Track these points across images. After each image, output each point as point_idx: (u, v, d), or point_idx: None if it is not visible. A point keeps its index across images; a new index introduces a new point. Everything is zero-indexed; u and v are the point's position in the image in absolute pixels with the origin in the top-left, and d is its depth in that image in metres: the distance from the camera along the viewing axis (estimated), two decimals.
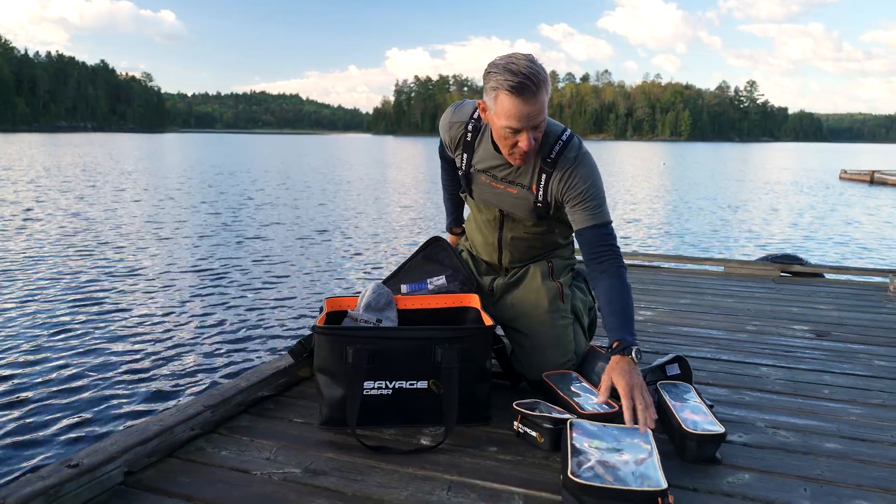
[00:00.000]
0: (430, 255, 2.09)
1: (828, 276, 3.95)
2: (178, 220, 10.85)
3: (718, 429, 1.49)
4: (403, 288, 2.02)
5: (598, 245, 1.78)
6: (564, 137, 1.80)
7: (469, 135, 1.90)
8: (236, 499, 1.33)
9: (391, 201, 15.17)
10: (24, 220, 10.33)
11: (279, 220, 11.39)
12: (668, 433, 1.54)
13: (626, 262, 4.42)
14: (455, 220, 2.34)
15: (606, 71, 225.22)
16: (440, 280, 2.02)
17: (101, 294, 5.81)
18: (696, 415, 1.55)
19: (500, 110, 1.64)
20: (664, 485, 1.24)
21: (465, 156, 1.93)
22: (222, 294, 5.99)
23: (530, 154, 1.73)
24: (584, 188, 1.77)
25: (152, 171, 23.10)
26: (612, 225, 1.82)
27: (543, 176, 1.81)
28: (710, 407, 1.63)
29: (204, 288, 6.21)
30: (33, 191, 14.91)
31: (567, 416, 1.57)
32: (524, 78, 1.58)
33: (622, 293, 1.74)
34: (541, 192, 1.83)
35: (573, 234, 2.13)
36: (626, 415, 1.51)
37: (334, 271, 7.29)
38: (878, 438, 1.67)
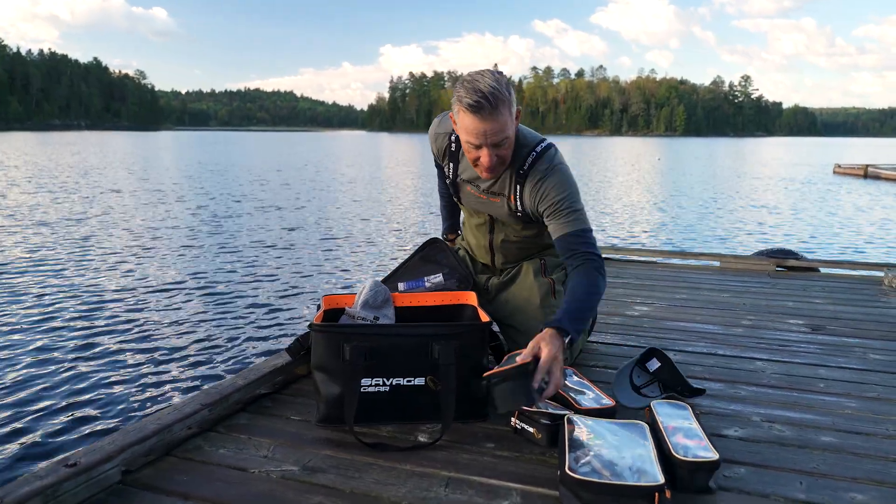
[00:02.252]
0: (428, 256, 2.09)
1: (823, 270, 3.96)
2: (174, 219, 10.82)
3: (712, 455, 1.36)
4: (401, 286, 2.02)
5: (573, 251, 1.80)
6: (538, 149, 1.82)
7: (453, 145, 1.95)
8: (234, 497, 1.33)
9: (388, 199, 15.15)
10: (21, 219, 10.29)
11: (277, 218, 11.38)
12: (660, 459, 1.38)
13: (623, 257, 4.43)
14: (450, 227, 2.36)
15: (601, 66, 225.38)
16: (437, 278, 2.02)
17: (97, 293, 5.80)
18: (689, 439, 1.43)
19: (461, 126, 1.70)
20: (661, 480, 1.24)
21: (451, 165, 1.98)
22: (219, 292, 5.98)
23: (494, 169, 1.76)
24: (555, 198, 1.80)
25: (148, 171, 23.02)
26: (590, 231, 1.83)
27: (518, 187, 1.84)
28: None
29: (201, 286, 6.19)
30: (30, 190, 14.85)
31: (564, 411, 1.58)
32: (481, 97, 1.60)
33: (585, 291, 1.73)
34: (518, 203, 1.87)
35: None
36: (537, 377, 1.46)
37: (332, 269, 7.29)
38: (873, 431, 1.68)
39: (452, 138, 1.95)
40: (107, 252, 7.78)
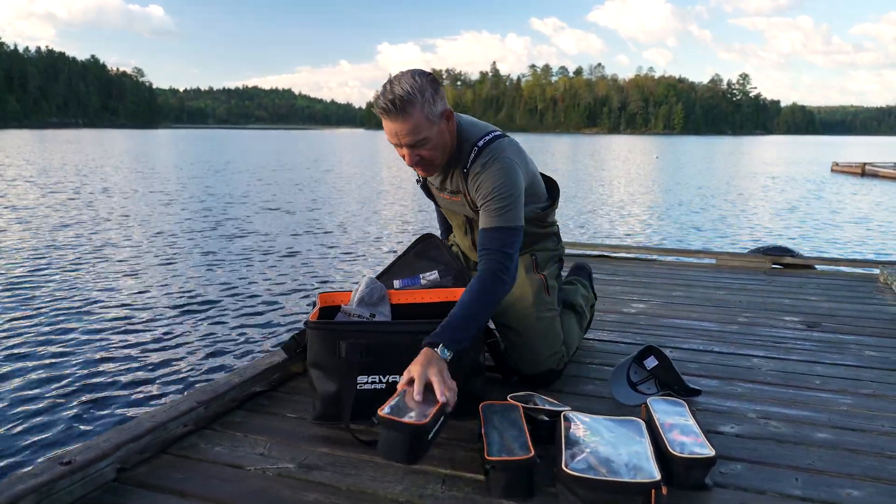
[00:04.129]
0: (422, 253, 2.08)
1: (819, 267, 3.96)
2: (170, 217, 10.80)
3: (708, 452, 1.36)
4: (396, 283, 2.02)
5: (487, 247, 1.73)
6: (480, 144, 1.81)
7: None
8: (230, 494, 1.33)
9: (384, 197, 15.14)
10: (15, 216, 10.26)
11: (272, 216, 11.37)
12: (657, 456, 1.36)
13: (619, 254, 4.43)
14: (445, 232, 2.34)
15: (600, 64, 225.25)
16: (433, 275, 2.01)
17: (92, 290, 5.78)
18: (685, 436, 1.43)
19: (384, 126, 1.74)
20: (657, 476, 1.24)
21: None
22: (215, 290, 5.97)
23: (422, 167, 1.80)
24: (488, 190, 1.76)
25: (146, 169, 22.98)
26: (510, 229, 1.73)
27: (465, 185, 1.86)
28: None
29: (196, 284, 6.18)
30: (25, 187, 14.82)
31: (561, 408, 1.58)
32: (389, 100, 1.64)
33: (471, 299, 1.64)
34: (469, 200, 1.88)
35: (556, 224, 2.13)
36: (416, 396, 1.40)
37: (327, 266, 7.28)
38: (869, 428, 1.68)
39: None
40: (102, 250, 7.76)
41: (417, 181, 2.07)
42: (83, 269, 6.72)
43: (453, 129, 1.79)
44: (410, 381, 1.45)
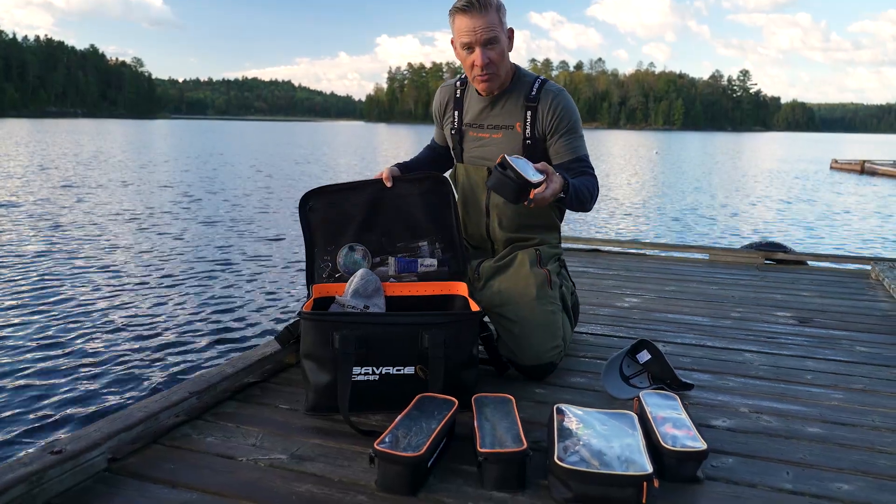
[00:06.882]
0: (431, 200, 2.01)
1: (811, 263, 3.97)
2: (165, 208, 10.78)
3: (700, 445, 1.38)
4: (391, 262, 2.00)
5: (581, 172, 1.99)
6: (542, 78, 2.03)
7: (458, 91, 2.10)
8: (221, 485, 1.33)
9: None
10: (9, 208, 10.23)
11: (267, 207, 11.35)
12: (649, 449, 1.35)
13: (613, 249, 4.43)
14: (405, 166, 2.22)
15: (600, 59, 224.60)
16: (431, 264, 2.01)
17: (86, 280, 5.77)
18: (677, 429, 1.45)
19: (456, 31, 1.88)
20: (649, 469, 1.25)
21: (455, 114, 2.09)
22: (209, 280, 5.96)
23: (491, 78, 1.91)
24: (570, 120, 1.98)
25: (144, 159, 22.91)
26: (589, 157, 2.04)
27: (529, 112, 1.98)
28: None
29: (190, 274, 6.18)
30: (20, 178, 14.76)
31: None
32: None
33: (589, 183, 1.96)
34: (528, 129, 1.98)
35: (560, 219, 2.14)
36: (544, 178, 1.72)
37: None
38: (859, 423, 1.69)
39: (457, 84, 2.11)
40: (95, 239, 7.74)
41: (452, 131, 2.11)
42: (76, 259, 6.70)
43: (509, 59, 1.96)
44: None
